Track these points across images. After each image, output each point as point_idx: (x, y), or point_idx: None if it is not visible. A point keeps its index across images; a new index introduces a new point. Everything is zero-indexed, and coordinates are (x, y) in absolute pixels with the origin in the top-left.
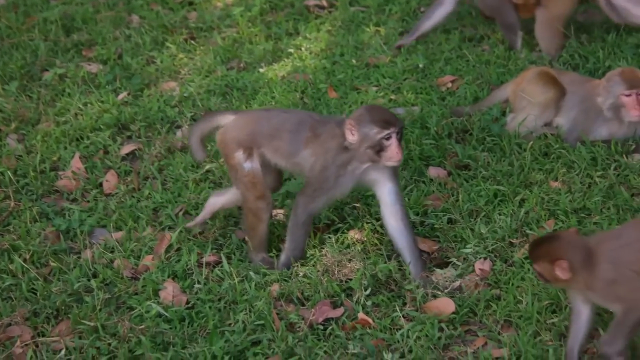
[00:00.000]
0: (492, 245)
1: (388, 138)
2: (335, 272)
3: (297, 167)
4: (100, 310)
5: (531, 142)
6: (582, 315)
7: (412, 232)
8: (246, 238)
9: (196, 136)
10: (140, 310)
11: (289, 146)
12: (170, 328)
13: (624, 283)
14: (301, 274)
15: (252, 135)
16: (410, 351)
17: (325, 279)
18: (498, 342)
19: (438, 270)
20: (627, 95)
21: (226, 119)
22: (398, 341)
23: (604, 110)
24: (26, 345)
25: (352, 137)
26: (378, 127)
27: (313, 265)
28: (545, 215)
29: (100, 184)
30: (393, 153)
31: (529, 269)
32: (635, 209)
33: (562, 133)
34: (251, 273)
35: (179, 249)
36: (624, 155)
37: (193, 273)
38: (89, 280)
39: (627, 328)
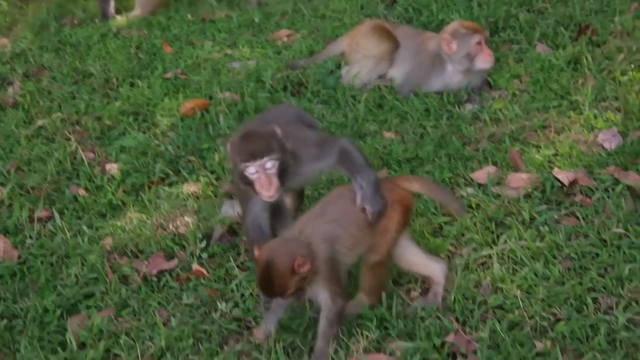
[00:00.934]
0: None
1: (254, 172)
2: (170, 226)
3: None
4: None
5: (365, 94)
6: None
7: None
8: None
9: None
10: None
11: None
12: (1, 283)
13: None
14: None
15: None
16: (244, 300)
17: (159, 232)
18: None
19: None
20: (478, 43)
21: None
22: (232, 291)
23: (456, 63)
24: None
25: (230, 162)
26: (239, 158)
27: (147, 219)
28: (378, 164)
29: None
30: (259, 189)
31: None
32: (466, 157)
33: (396, 85)
34: (84, 227)
35: (10, 205)
36: (455, 106)
37: (25, 229)
38: None
39: (333, 329)
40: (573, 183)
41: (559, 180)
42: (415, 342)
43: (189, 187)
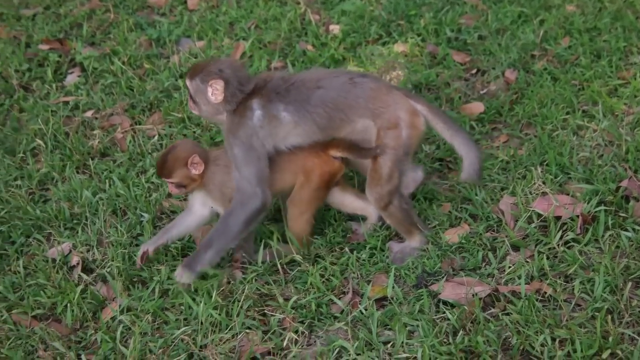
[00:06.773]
0: (516, 57)
1: None
2: (384, 77)
3: None
4: (186, 104)
5: None
6: (196, 214)
7: None
8: None
9: None
10: None
11: None
12: None
13: (229, 188)
14: None
15: None
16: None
17: None
18: (519, 138)
19: (472, 79)
20: None
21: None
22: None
23: None
24: (125, 131)
25: None
26: None
27: (365, 71)
28: (561, 33)
29: (185, 1)
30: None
31: (547, 77)
32: (639, 29)
33: None
34: None
35: (251, 56)
36: None
37: None
38: (176, 80)
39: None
40: None
41: None
42: (593, 185)
43: (399, 47)
